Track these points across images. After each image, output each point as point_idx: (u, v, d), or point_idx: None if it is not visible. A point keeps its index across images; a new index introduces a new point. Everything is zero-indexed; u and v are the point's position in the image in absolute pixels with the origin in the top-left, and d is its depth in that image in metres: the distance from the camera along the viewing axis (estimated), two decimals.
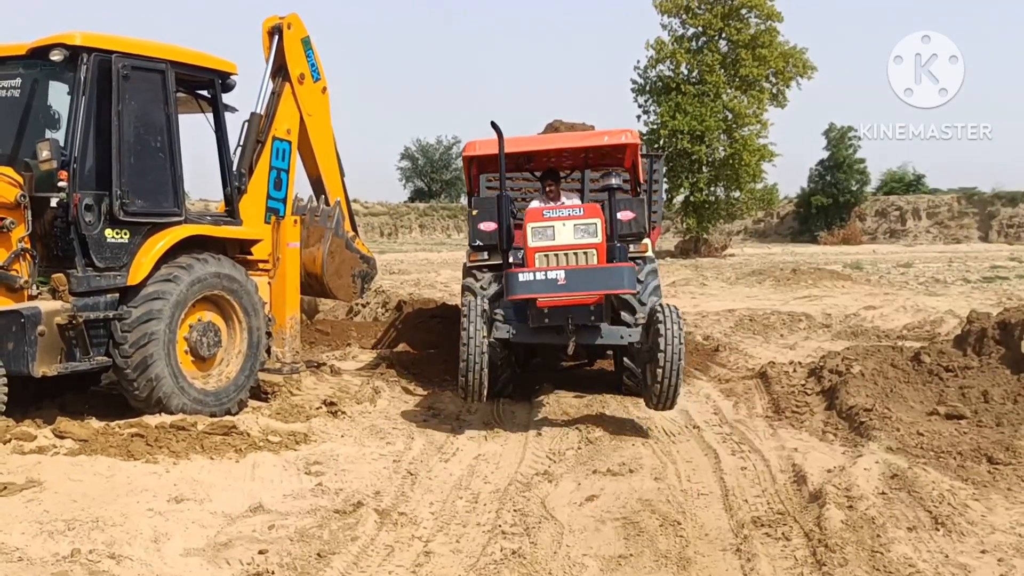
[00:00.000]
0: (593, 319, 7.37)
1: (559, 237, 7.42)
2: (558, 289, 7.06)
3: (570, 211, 7.58)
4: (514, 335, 7.58)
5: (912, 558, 4.52)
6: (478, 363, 7.03)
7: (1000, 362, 8.33)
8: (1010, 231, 54.43)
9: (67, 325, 6.71)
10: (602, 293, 7.27)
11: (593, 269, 7.28)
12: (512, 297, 7.25)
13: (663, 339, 6.84)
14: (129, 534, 4.70)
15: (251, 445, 6.58)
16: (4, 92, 7.24)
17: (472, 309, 7.16)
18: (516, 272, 7.22)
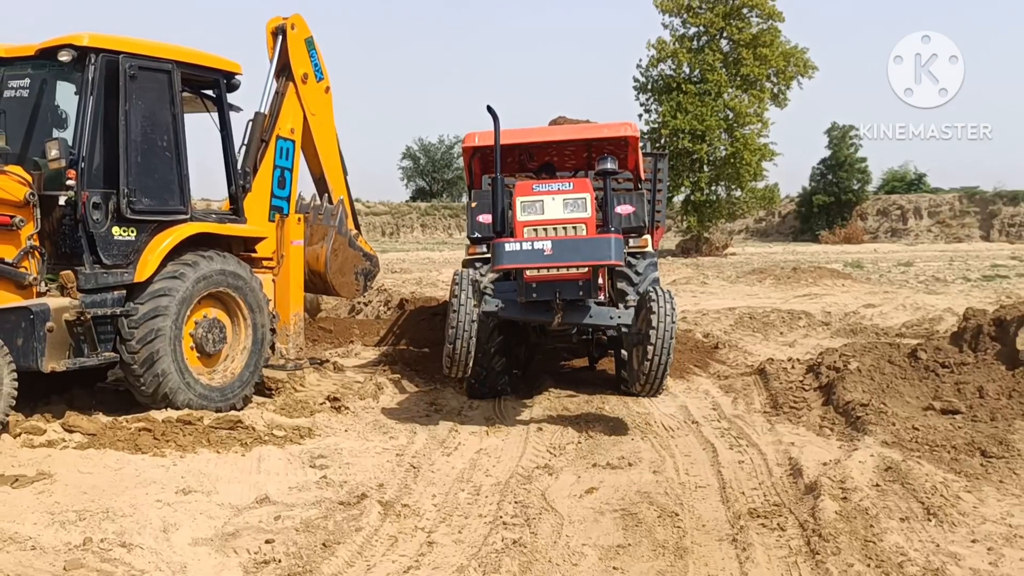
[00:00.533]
0: (581, 294, 7.23)
1: (548, 211, 7.30)
2: (544, 259, 6.92)
3: (559, 185, 7.44)
4: (502, 308, 7.45)
5: (904, 547, 4.63)
6: (466, 331, 6.92)
7: (995, 358, 8.42)
8: (1011, 230, 54.46)
9: (75, 321, 6.83)
10: (589, 265, 7.13)
11: (579, 240, 7.13)
12: (498, 267, 7.14)
13: (655, 317, 6.70)
14: (139, 524, 4.81)
15: (256, 439, 6.70)
16: (13, 92, 7.36)
17: (463, 279, 7.09)
18: (503, 242, 7.06)
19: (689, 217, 37.95)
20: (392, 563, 4.67)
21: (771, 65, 35.98)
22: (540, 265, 6.98)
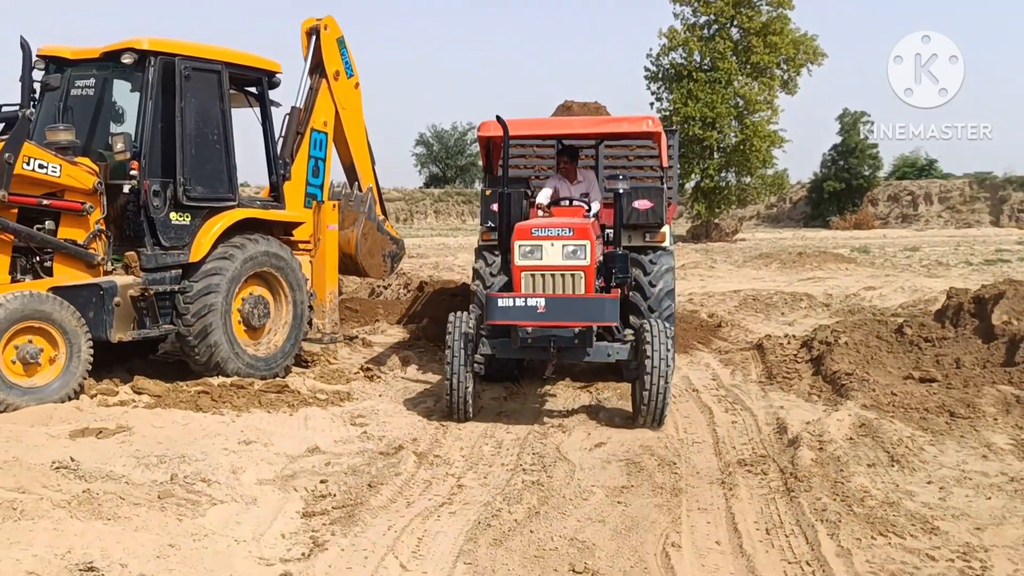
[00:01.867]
0: (577, 343, 7.10)
1: (547, 257, 7.21)
2: (537, 317, 6.87)
3: (559, 231, 7.27)
4: (498, 352, 7.37)
5: (867, 487, 5.39)
6: (461, 384, 7.07)
7: (973, 333, 9.17)
8: (1021, 215, 54.66)
9: (139, 297, 7.65)
10: (582, 325, 7.01)
11: (574, 300, 7.08)
12: (491, 322, 7.07)
13: (649, 360, 6.78)
14: (211, 467, 5.62)
15: (302, 401, 7.52)
16: (79, 91, 8.16)
17: (455, 333, 7.14)
18: (496, 297, 7.04)
19: (699, 204, 38.52)
20: (428, 500, 5.45)
21: (781, 53, 36.39)
22: (533, 324, 6.94)
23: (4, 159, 6.91)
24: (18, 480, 4.80)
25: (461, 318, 7.26)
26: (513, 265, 7.30)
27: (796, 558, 4.45)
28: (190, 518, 4.70)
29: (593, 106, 17.23)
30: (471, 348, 7.16)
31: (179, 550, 4.24)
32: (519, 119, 8.18)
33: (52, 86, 8.08)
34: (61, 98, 8.14)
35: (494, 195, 8.22)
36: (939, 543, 4.51)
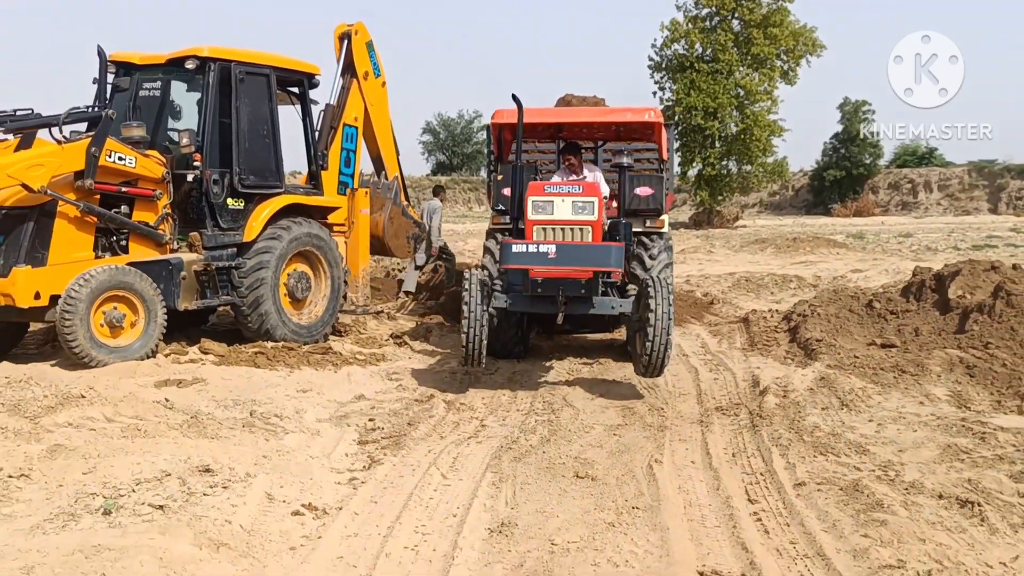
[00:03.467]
0: (584, 292, 7.57)
1: (557, 212, 7.65)
2: (548, 262, 7.29)
3: (570, 188, 7.81)
4: (510, 304, 7.83)
5: (818, 423, 6.56)
6: (478, 335, 7.49)
7: (933, 306, 10.30)
8: (1019, 203, 55.63)
9: (201, 272, 8.84)
10: (590, 270, 7.45)
11: (582, 246, 7.48)
12: (505, 266, 7.55)
13: (652, 313, 7.13)
14: (278, 408, 6.82)
15: (344, 361, 8.72)
16: (147, 92, 9.33)
17: (472, 280, 7.56)
18: (510, 243, 7.48)
19: (701, 191, 39.64)
20: (458, 435, 6.63)
21: (781, 44, 37.48)
22: (544, 269, 7.39)
23: (91, 153, 8.08)
24: (136, 411, 6.02)
25: (476, 273, 7.77)
26: (527, 220, 7.73)
27: (753, 470, 5.63)
28: (273, 440, 5.92)
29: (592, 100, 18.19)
30: (487, 298, 7.58)
31: (270, 460, 5.45)
32: (528, 108, 8.55)
33: (122, 88, 9.23)
34: (130, 98, 9.30)
35: (506, 179, 8.59)
36: (866, 460, 5.68)
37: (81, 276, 7.74)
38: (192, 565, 3.94)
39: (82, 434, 5.63)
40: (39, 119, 8.23)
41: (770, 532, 4.61)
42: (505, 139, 9.92)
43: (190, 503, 4.63)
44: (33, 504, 4.66)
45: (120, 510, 4.49)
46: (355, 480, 5.43)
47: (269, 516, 4.68)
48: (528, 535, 4.53)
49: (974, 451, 5.81)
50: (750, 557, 4.27)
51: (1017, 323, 9.01)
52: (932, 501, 4.92)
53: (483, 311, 7.48)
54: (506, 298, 7.82)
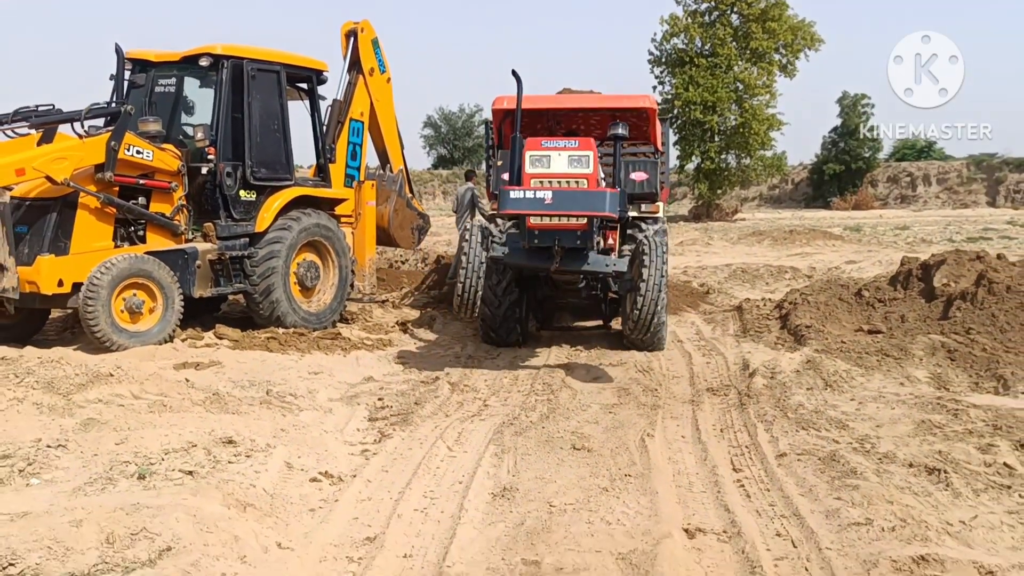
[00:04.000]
0: (579, 243, 7.70)
1: (553, 165, 7.75)
2: (544, 207, 7.41)
3: (565, 143, 7.90)
4: (507, 256, 8.03)
5: (803, 402, 6.95)
6: (474, 273, 7.80)
7: (919, 294, 10.69)
8: (1017, 196, 55.90)
9: (215, 261, 9.23)
10: (585, 215, 7.57)
11: (578, 192, 7.60)
12: (502, 211, 7.66)
13: (646, 269, 7.43)
14: (292, 389, 7.21)
15: (353, 346, 9.11)
16: (162, 88, 9.70)
17: (475, 227, 7.86)
18: (508, 189, 7.57)
19: (700, 184, 39.98)
20: (461, 413, 7.01)
21: (779, 38, 37.76)
22: (540, 213, 7.52)
23: (111, 146, 8.46)
24: (160, 388, 6.42)
25: (478, 224, 7.97)
26: (524, 173, 7.77)
27: (738, 444, 6.02)
28: (289, 416, 6.31)
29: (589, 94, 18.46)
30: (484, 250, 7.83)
31: (288, 433, 5.84)
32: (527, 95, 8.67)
33: (139, 84, 9.61)
34: (146, 94, 9.67)
35: (505, 164, 8.72)
36: (845, 434, 6.07)
37: (103, 264, 8.13)
38: (223, 522, 4.32)
39: (112, 409, 6.03)
40: (62, 114, 8.60)
41: (751, 496, 5.01)
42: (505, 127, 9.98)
43: (216, 470, 5.02)
44: (71, 471, 5.05)
45: (153, 475, 4.88)
46: (367, 452, 5.83)
47: (289, 482, 5.08)
48: (528, 498, 4.92)
49: (947, 426, 6.20)
50: (732, 517, 4.66)
51: (998, 309, 9.40)
52: (903, 469, 5.30)
53: (482, 252, 7.69)
54: (504, 249, 7.99)
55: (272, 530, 4.46)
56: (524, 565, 4.05)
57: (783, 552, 4.23)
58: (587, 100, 10.27)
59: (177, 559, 3.91)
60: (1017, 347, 8.62)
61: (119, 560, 3.88)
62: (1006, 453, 5.63)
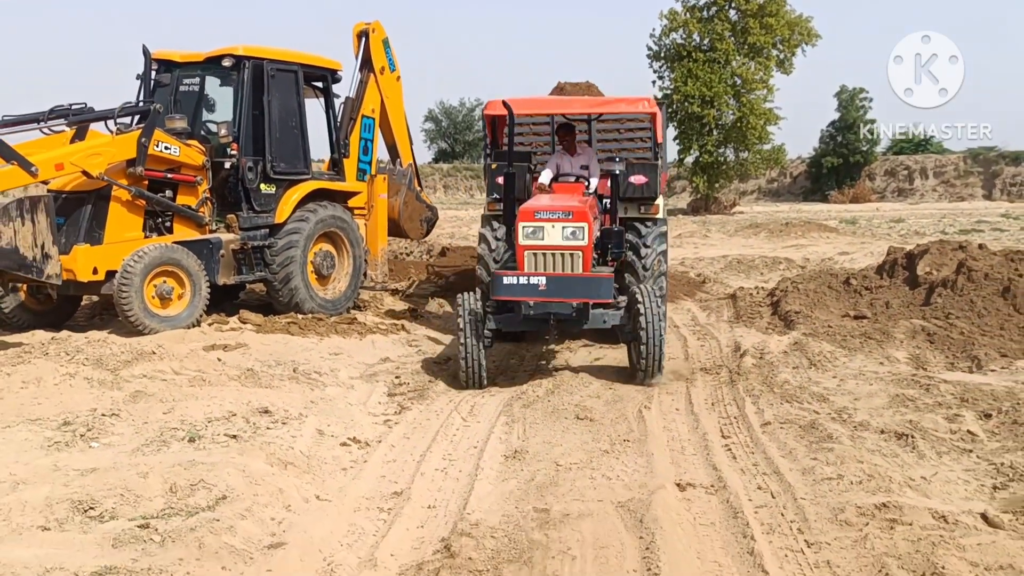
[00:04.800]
0: (575, 315, 7.62)
1: (548, 238, 7.69)
2: (539, 294, 7.41)
3: (560, 214, 7.76)
4: (503, 326, 7.92)
5: (788, 379, 7.52)
6: (474, 357, 7.55)
7: (903, 282, 11.26)
8: (1012, 189, 56.47)
9: (238, 250, 9.79)
10: (581, 302, 7.58)
11: (574, 279, 7.59)
12: (496, 297, 7.61)
13: (643, 318, 7.39)
14: (315, 367, 7.78)
15: (368, 330, 9.67)
16: (186, 87, 10.25)
17: (464, 311, 7.61)
18: (501, 275, 7.56)
19: (698, 178, 40.53)
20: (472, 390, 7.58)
21: (777, 34, 38.25)
22: (535, 300, 7.48)
23: (141, 143, 9.01)
24: (198, 365, 7.00)
25: (468, 298, 7.77)
26: (517, 244, 7.80)
27: (727, 415, 6.59)
28: (317, 390, 6.90)
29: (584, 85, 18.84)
30: (480, 324, 7.63)
31: (317, 405, 6.42)
32: (524, 98, 8.94)
33: (164, 83, 10.16)
34: (171, 93, 10.22)
35: (499, 169, 8.80)
36: (825, 407, 6.63)
37: (135, 253, 8.69)
38: (268, 477, 4.90)
39: (156, 383, 6.60)
40: (96, 113, 9.14)
41: (737, 457, 5.58)
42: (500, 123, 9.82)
43: (257, 435, 5.60)
44: (126, 436, 5.63)
45: (201, 439, 5.46)
46: (389, 421, 6.41)
47: (322, 446, 5.66)
48: (537, 459, 5.49)
49: (919, 399, 6.77)
50: (719, 474, 5.23)
51: (976, 296, 9.98)
52: (874, 435, 5.88)
53: (477, 344, 7.57)
54: (498, 320, 7.87)
55: (311, 485, 5.03)
56: (535, 512, 4.61)
57: (763, 502, 4.80)
58: (585, 105, 10.40)
59: (232, 506, 4.48)
60: (993, 330, 9.21)
61: (182, 506, 4.46)
62: (970, 422, 6.20)
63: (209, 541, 4.03)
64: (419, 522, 4.66)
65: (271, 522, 4.44)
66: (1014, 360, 8.14)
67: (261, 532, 4.30)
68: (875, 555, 4.05)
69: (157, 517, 4.31)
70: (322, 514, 4.66)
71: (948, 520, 4.41)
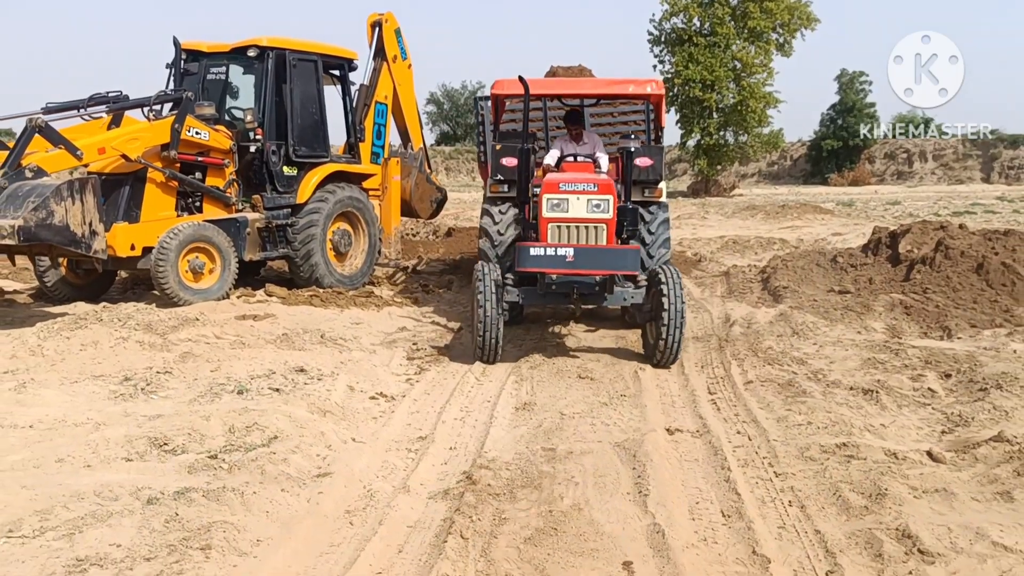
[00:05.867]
0: (598, 290, 7.63)
1: (572, 210, 7.63)
2: (566, 266, 7.34)
3: (584, 185, 7.70)
4: (523, 299, 7.89)
5: (772, 346, 8.24)
6: (493, 325, 7.48)
7: (886, 260, 11.98)
8: (1010, 172, 57.00)
9: (263, 228, 10.51)
10: (609, 274, 7.55)
11: (601, 250, 7.50)
12: (521, 269, 7.49)
13: (666, 299, 7.28)
14: (340, 334, 8.50)
15: (384, 303, 10.41)
16: (214, 76, 10.93)
17: (485, 281, 7.49)
18: (528, 246, 7.45)
19: (700, 160, 41.18)
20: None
21: (776, 18, 38.78)
22: (562, 272, 7.45)
23: (175, 128, 9.71)
24: (236, 331, 7.74)
25: (488, 267, 7.65)
26: (541, 217, 7.73)
27: (715, 375, 7.33)
28: (344, 353, 7.62)
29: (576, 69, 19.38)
30: (500, 295, 7.54)
31: (346, 365, 7.15)
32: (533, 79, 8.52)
33: (192, 72, 10.84)
34: (199, 81, 10.90)
35: (505, 149, 8.75)
36: (803, 368, 7.36)
37: (171, 230, 9.41)
38: (311, 422, 5.64)
39: (201, 346, 7.35)
40: (133, 100, 9.83)
41: (721, 409, 6.32)
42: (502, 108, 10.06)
43: (296, 388, 6.34)
44: (180, 390, 6.37)
45: (248, 392, 6.20)
46: (410, 380, 7.14)
47: (354, 399, 6.39)
48: (544, 409, 6.23)
49: (888, 362, 7.49)
50: (704, 422, 5.97)
51: (952, 272, 10.70)
52: (844, 391, 6.61)
53: (497, 314, 7.47)
54: (519, 292, 7.86)
55: (347, 430, 5.77)
56: (543, 451, 5.35)
57: (740, 443, 5.54)
58: (594, 86, 10.34)
59: (283, 444, 5.23)
60: (966, 303, 9.92)
61: (241, 443, 5.20)
62: (932, 381, 6.93)
63: (268, 469, 4.77)
64: (443, 460, 5.39)
65: (317, 457, 5.18)
66: (982, 330, 8.85)
67: (310, 464, 5.04)
68: (832, 482, 4.79)
69: (222, 451, 5.05)
70: (359, 453, 5.40)
71: (898, 456, 5.15)
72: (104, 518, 4.13)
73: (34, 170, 8.29)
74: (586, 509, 4.41)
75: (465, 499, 4.53)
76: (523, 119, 8.63)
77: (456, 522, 4.24)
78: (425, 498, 4.75)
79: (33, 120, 8.54)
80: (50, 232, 7.87)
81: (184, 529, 4.03)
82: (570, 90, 10.17)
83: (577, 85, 10.57)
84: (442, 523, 4.33)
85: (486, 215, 9.20)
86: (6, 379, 6.54)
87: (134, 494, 4.42)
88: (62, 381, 6.52)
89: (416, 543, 4.15)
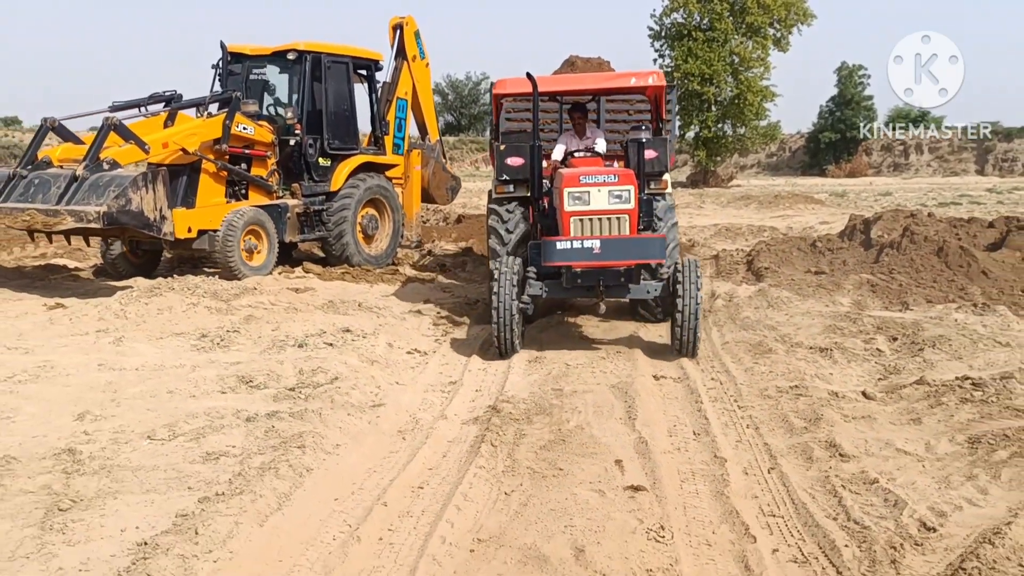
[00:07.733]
0: (623, 280, 7.67)
1: (594, 202, 7.64)
2: (593, 258, 7.38)
3: (605, 177, 7.70)
4: (547, 293, 7.87)
5: (749, 316, 9.50)
6: (509, 325, 7.52)
7: (860, 244, 13.25)
8: (1004, 165, 58.12)
9: (301, 213, 11.79)
10: (637, 263, 7.61)
11: (627, 240, 7.54)
12: (548, 263, 7.51)
13: (683, 294, 7.46)
14: (373, 304, 9.78)
15: (408, 280, 11.69)
16: (256, 76, 12.20)
17: (505, 275, 7.50)
18: (553, 240, 7.49)
19: (699, 152, 42.40)
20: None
21: (773, 14, 39.92)
22: (590, 264, 7.49)
23: (226, 124, 10.97)
24: (288, 299, 9.05)
25: (508, 262, 7.67)
26: (563, 211, 7.71)
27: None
28: (380, 318, 8.91)
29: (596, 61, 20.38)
30: (518, 290, 7.60)
31: (384, 327, 8.44)
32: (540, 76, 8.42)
33: (235, 73, 12.10)
34: (243, 81, 12.16)
35: (509, 150, 8.77)
36: (772, 333, 8.62)
37: (236, 212, 10.73)
38: (362, 368, 6.93)
39: (260, 311, 8.63)
40: (189, 100, 11.09)
41: (699, 363, 7.60)
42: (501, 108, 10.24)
43: (346, 344, 7.63)
44: (247, 346, 7.65)
45: (307, 346, 7.49)
46: (438, 340, 8.43)
47: (393, 353, 7.67)
48: (552, 362, 7.51)
49: (846, 328, 8.75)
50: (684, 371, 7.26)
51: (915, 255, 11.97)
52: (804, 350, 7.87)
53: (514, 299, 7.48)
54: (542, 285, 7.85)
55: (391, 375, 7.06)
56: (552, 391, 6.63)
57: (713, 386, 6.83)
58: (594, 80, 10.54)
59: (344, 383, 6.51)
60: (926, 283, 11.19)
61: (310, 382, 6.49)
62: (881, 343, 8.18)
63: (336, 399, 6.06)
64: (471, 398, 6.67)
65: (371, 394, 6.46)
66: (935, 304, 10.11)
67: (366, 398, 6.32)
68: (781, 412, 6.07)
69: (297, 387, 6.34)
70: (403, 392, 6.68)
71: (838, 395, 6.43)
72: (218, 429, 5.42)
73: (110, 163, 9.57)
74: (587, 428, 5.70)
75: (492, 422, 5.81)
76: (533, 116, 8.57)
77: (486, 436, 5.52)
78: (459, 424, 6.03)
79: (109, 119, 9.81)
80: (128, 217, 9.14)
81: (280, 436, 5.32)
82: (573, 86, 10.19)
83: (580, 80, 10.74)
84: (475, 438, 5.61)
85: (493, 214, 9.21)
86: (103, 336, 7.84)
87: (236, 414, 5.71)
88: (149, 337, 7.82)
89: (456, 451, 5.44)
